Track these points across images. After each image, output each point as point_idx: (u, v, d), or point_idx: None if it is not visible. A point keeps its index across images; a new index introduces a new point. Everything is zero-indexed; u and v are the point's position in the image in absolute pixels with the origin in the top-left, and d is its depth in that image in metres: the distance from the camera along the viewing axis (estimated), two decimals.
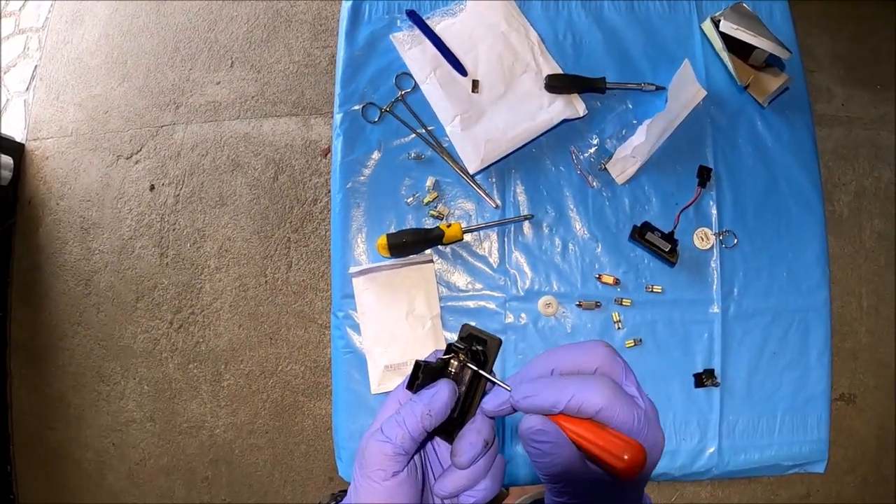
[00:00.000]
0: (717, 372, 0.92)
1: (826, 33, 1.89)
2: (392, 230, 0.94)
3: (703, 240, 0.94)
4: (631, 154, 0.93)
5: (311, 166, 1.83)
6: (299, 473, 1.74)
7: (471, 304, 0.93)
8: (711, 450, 0.91)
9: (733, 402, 0.92)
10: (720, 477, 0.93)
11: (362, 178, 0.97)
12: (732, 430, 0.92)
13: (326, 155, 1.80)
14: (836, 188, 1.81)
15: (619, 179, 0.95)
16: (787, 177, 0.98)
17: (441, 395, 0.40)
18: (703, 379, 0.91)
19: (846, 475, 1.68)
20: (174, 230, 1.84)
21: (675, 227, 0.93)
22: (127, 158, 1.89)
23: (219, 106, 1.89)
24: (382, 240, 0.91)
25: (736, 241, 0.95)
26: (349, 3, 1.03)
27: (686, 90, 0.95)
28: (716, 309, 0.93)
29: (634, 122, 0.97)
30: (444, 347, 0.43)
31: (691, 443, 0.91)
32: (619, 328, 0.92)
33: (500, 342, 0.43)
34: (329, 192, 1.75)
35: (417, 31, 1.00)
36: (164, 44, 1.96)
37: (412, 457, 0.41)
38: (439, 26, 1.00)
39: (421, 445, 0.42)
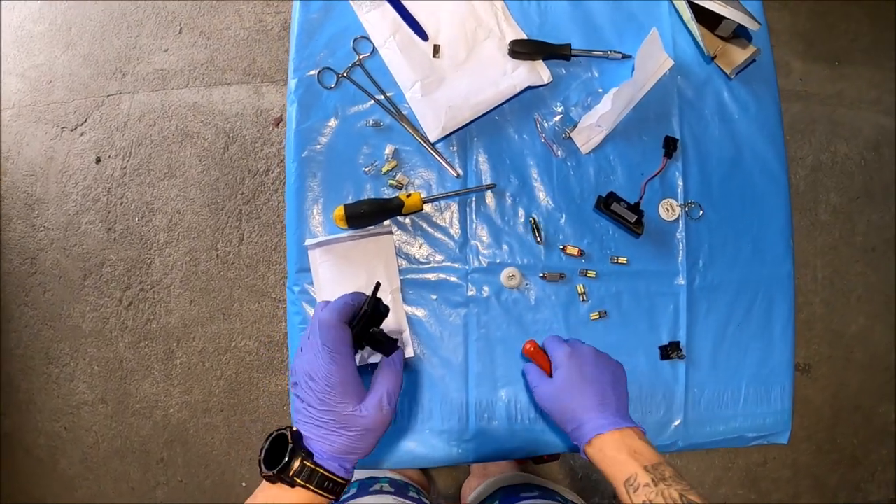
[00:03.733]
0: (683, 344, 0.91)
1: (786, 9, 1.90)
2: (350, 200, 0.90)
3: (668, 211, 0.92)
4: (596, 123, 0.91)
5: (262, 136, 1.77)
6: (256, 451, 1.69)
7: (431, 276, 0.90)
8: (677, 422, 0.90)
9: (698, 374, 0.91)
10: (685, 449, 0.92)
11: (318, 146, 0.93)
12: (698, 403, 0.91)
13: (279, 124, 1.75)
14: (793, 162, 1.83)
15: (584, 149, 0.93)
16: (753, 149, 0.96)
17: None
18: (669, 351, 0.90)
19: (802, 443, 1.72)
20: (122, 204, 1.78)
21: (640, 198, 0.91)
22: (72, 130, 1.82)
23: (167, 74, 1.83)
24: (340, 210, 0.86)
25: (702, 212, 0.93)
26: None
27: (653, 59, 0.93)
28: (681, 281, 0.91)
29: (600, 90, 0.94)
30: (404, 322, 0.83)
31: (657, 415, 0.90)
32: (583, 300, 0.90)
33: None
34: (282, 162, 1.71)
35: None
36: (109, 10, 1.88)
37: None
38: None
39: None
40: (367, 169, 0.91)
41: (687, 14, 0.96)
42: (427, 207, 0.91)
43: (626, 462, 0.63)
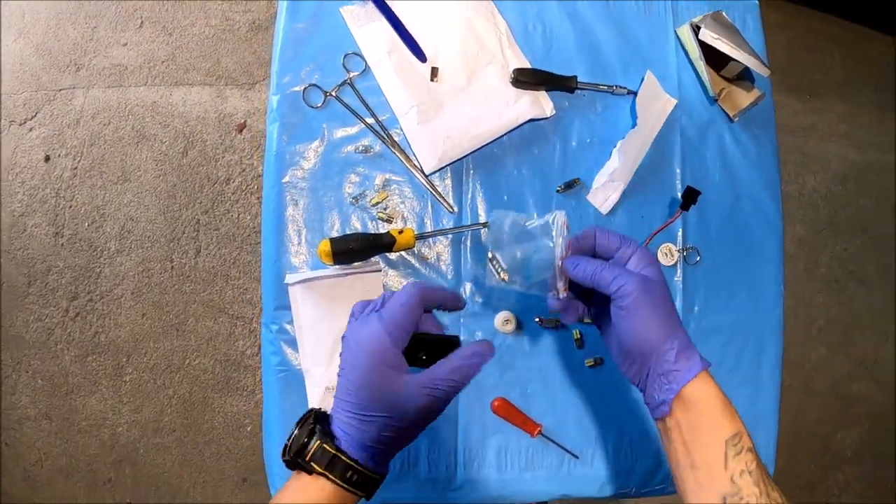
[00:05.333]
0: None
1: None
2: (334, 233, 0.83)
3: (667, 256, 0.89)
4: (610, 179, 0.87)
5: (224, 142, 1.66)
6: (210, 474, 1.62)
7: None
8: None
9: None
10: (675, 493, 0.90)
11: (301, 171, 0.85)
12: None
13: (242, 130, 1.65)
14: None
15: (604, 209, 0.89)
16: (751, 194, 0.95)
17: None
18: None
19: None
20: (71, 207, 1.65)
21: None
22: (20, 125, 1.67)
23: (124, 70, 1.70)
24: (325, 245, 0.79)
25: (699, 257, 0.91)
26: None
27: (654, 103, 0.90)
28: None
29: (601, 136, 0.91)
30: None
31: (647, 460, 0.88)
32: (579, 346, 0.86)
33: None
34: (244, 171, 1.61)
35: (372, 6, 0.88)
36: None
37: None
38: (398, 3, 0.89)
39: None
40: (354, 199, 0.85)
41: (695, 52, 0.93)
42: (418, 244, 0.85)
43: (732, 417, 0.54)
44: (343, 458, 0.50)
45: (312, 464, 0.50)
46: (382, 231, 0.83)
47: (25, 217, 1.65)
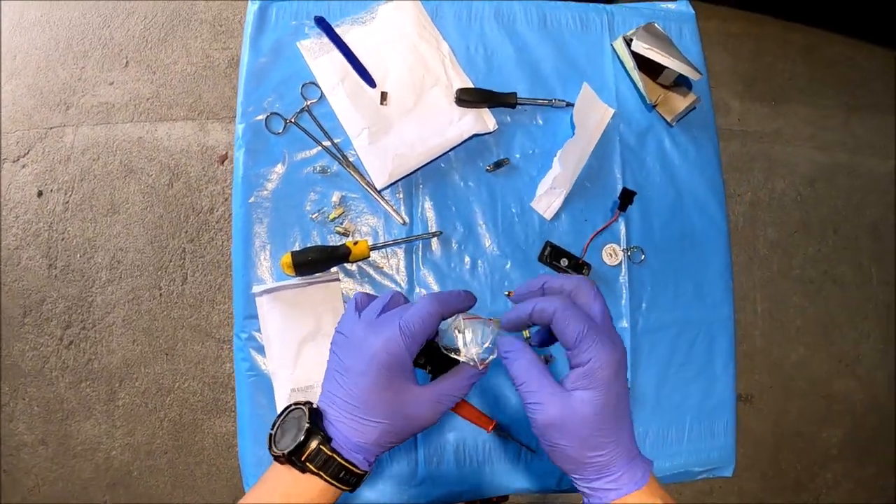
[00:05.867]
0: (628, 385, 0.92)
1: (726, 50, 2.00)
2: (297, 247, 0.90)
3: (611, 256, 0.94)
4: (552, 186, 0.93)
5: (207, 173, 1.75)
6: (202, 495, 1.66)
7: None
8: None
9: (643, 413, 0.93)
10: None
11: (265, 192, 0.92)
12: (643, 441, 0.93)
13: (224, 162, 1.73)
14: (732, 199, 1.91)
15: (547, 215, 0.94)
16: (693, 193, 1.00)
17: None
18: None
19: (746, 471, 1.77)
20: (63, 239, 1.72)
21: (584, 254, 0.93)
22: (13, 162, 1.76)
23: (112, 108, 1.79)
24: (287, 258, 0.86)
25: (643, 256, 0.96)
26: (255, 7, 0.97)
27: (592, 113, 0.96)
28: (625, 323, 0.94)
29: (543, 146, 0.97)
30: None
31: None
32: (529, 345, 0.91)
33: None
34: (227, 200, 1.68)
35: (326, 39, 0.96)
36: (55, 40, 1.84)
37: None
38: (349, 35, 0.97)
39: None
40: (314, 216, 0.91)
41: (630, 63, 1.00)
42: (374, 254, 0.91)
43: None
44: (339, 459, 0.49)
45: (308, 463, 0.49)
46: (339, 244, 0.89)
47: (20, 250, 1.73)
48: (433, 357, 0.57)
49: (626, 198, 0.92)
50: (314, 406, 0.53)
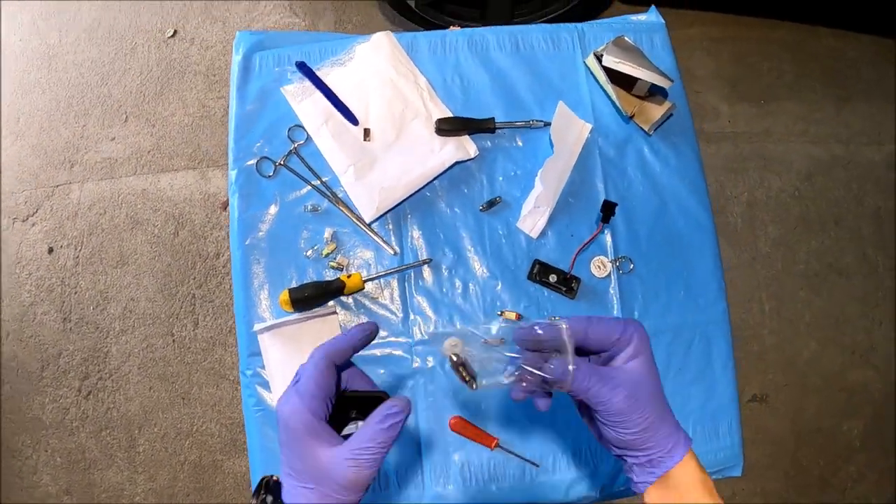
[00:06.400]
0: None
1: (709, 55, 2.02)
2: (293, 284, 0.93)
3: (599, 268, 0.96)
4: (536, 205, 0.95)
5: (211, 220, 1.81)
6: None
7: (377, 351, 0.92)
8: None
9: None
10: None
11: (261, 233, 0.95)
12: None
13: (226, 208, 1.78)
14: (729, 201, 1.91)
15: (534, 234, 0.97)
16: (676, 199, 1.02)
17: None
18: None
19: (768, 471, 1.74)
20: (76, 293, 1.78)
21: (571, 268, 0.95)
22: (23, 221, 1.84)
23: (115, 162, 1.86)
24: (284, 295, 0.89)
25: (632, 265, 0.97)
26: (239, 58, 1.02)
27: (569, 130, 0.99)
28: None
29: (525, 167, 1.00)
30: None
31: (607, 466, 0.92)
32: None
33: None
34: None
35: (308, 83, 1.00)
36: (56, 99, 1.93)
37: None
38: (329, 76, 1.01)
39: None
40: (308, 253, 0.94)
41: (602, 78, 1.02)
42: (369, 285, 0.94)
43: (710, 495, 0.54)
44: None
45: None
46: (334, 279, 0.92)
47: (34, 306, 1.78)
48: (362, 405, 0.57)
49: (608, 210, 0.94)
50: (275, 479, 0.55)
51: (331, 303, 0.93)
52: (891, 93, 2.05)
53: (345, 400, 0.57)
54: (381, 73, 1.00)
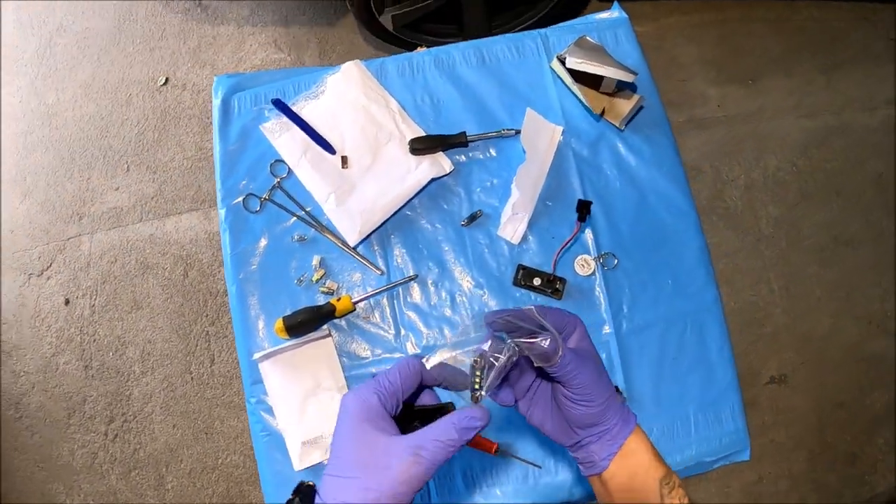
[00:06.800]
0: (622, 388, 0.94)
1: (691, 42, 2.02)
2: (287, 312, 0.96)
3: (583, 266, 0.98)
4: (514, 212, 0.98)
5: (218, 258, 1.87)
6: None
7: (373, 369, 0.95)
8: None
9: (644, 413, 0.94)
10: None
11: (253, 267, 0.99)
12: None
13: None
14: (727, 185, 1.90)
15: (515, 240, 0.99)
16: (655, 190, 1.03)
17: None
18: None
19: (792, 452, 1.72)
20: (95, 341, 1.85)
21: (553, 270, 0.97)
22: (38, 276, 1.91)
23: (121, 211, 1.94)
24: (279, 323, 0.93)
25: (616, 261, 0.99)
26: (219, 102, 1.07)
27: (540, 135, 1.00)
28: (607, 329, 0.96)
29: (501, 176, 1.02)
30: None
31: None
32: None
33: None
34: None
35: (284, 118, 1.04)
36: (59, 156, 2.01)
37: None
38: (304, 110, 1.05)
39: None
40: (298, 281, 0.98)
41: (568, 80, 1.04)
42: (359, 306, 0.96)
43: (661, 459, 0.58)
44: None
45: None
46: (325, 303, 0.95)
47: (56, 356, 1.85)
48: (429, 418, 0.54)
49: (583, 208, 0.96)
50: (309, 484, 0.53)
51: (325, 327, 0.96)
52: (880, 56, 2.03)
53: (413, 413, 0.56)
54: (353, 100, 1.04)
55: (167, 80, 2.06)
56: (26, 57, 2.10)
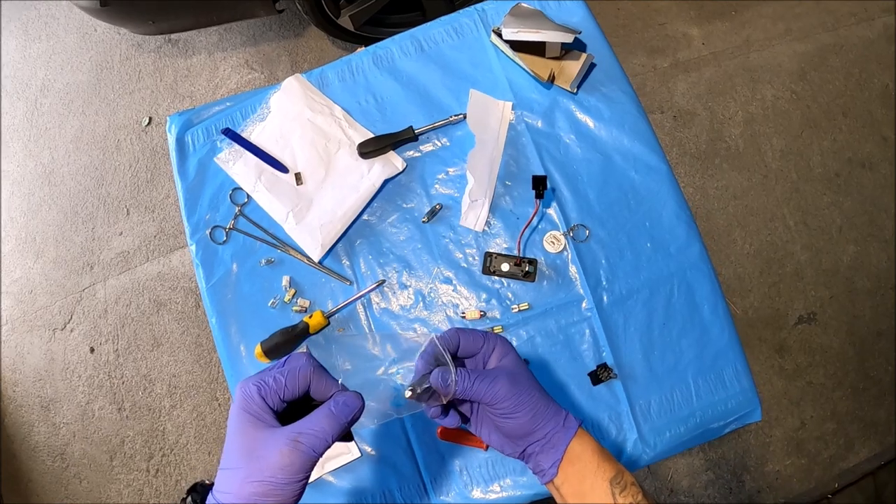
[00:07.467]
0: (612, 364, 0.91)
1: None
2: (266, 336, 0.96)
3: (553, 244, 0.94)
4: (471, 199, 0.95)
5: None
6: None
7: (357, 380, 0.94)
8: (633, 439, 0.89)
9: (638, 386, 0.91)
10: (653, 461, 0.91)
11: (229, 296, 0.99)
12: (648, 414, 0.90)
13: None
14: (724, 124, 1.81)
15: (478, 227, 0.96)
16: (620, 149, 0.98)
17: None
18: (599, 375, 0.90)
19: (834, 391, 1.63)
20: (123, 383, 1.91)
21: (519, 252, 0.94)
22: (62, 329, 1.98)
23: (128, 255, 1.99)
24: (257, 349, 0.93)
25: (588, 232, 0.95)
26: (173, 140, 1.07)
27: (489, 114, 0.97)
28: (587, 304, 0.93)
29: (455, 164, 0.99)
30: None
31: (609, 439, 0.90)
32: None
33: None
34: None
35: (236, 146, 1.04)
36: (63, 211, 2.08)
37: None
38: (253, 134, 1.04)
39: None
40: (271, 303, 0.97)
41: (509, 52, 1.00)
42: (334, 320, 0.96)
43: (609, 460, 0.58)
44: None
45: None
46: (298, 322, 0.94)
47: (91, 403, 1.92)
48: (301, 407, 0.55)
49: (539, 184, 0.92)
50: (206, 483, 0.55)
51: (303, 345, 0.95)
52: None
53: (310, 406, 0.55)
54: (298, 115, 1.03)
55: (150, 119, 2.10)
56: (17, 122, 2.18)
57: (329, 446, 0.51)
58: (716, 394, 0.91)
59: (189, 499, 0.53)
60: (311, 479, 0.92)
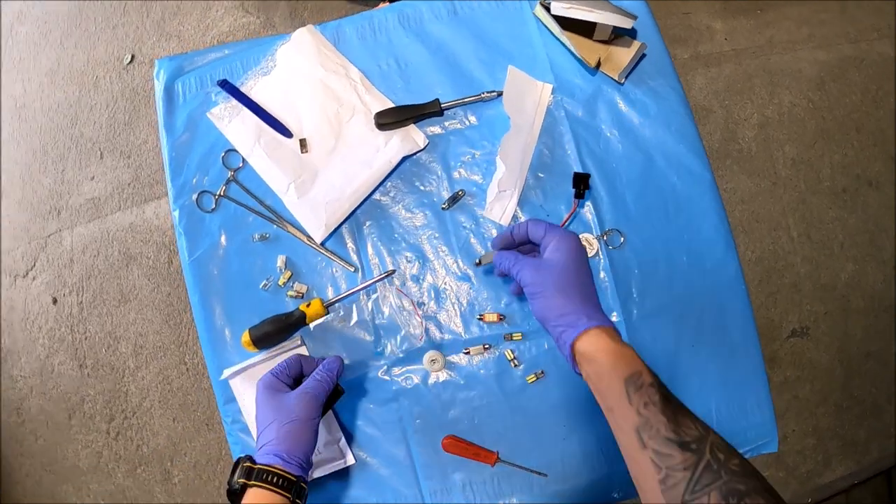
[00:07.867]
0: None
1: None
2: (255, 322, 0.85)
3: (586, 248, 0.85)
4: (500, 189, 0.85)
5: None
6: None
7: (354, 377, 0.85)
8: None
9: None
10: None
11: (214, 272, 0.88)
12: None
13: None
14: (739, 125, 1.74)
15: (504, 221, 0.86)
16: (663, 151, 0.89)
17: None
18: None
19: (818, 407, 1.63)
20: (86, 338, 1.79)
21: None
22: (23, 277, 1.84)
23: (98, 202, 1.84)
24: (245, 336, 0.82)
25: (623, 238, 0.86)
26: (161, 88, 0.93)
27: (526, 96, 0.87)
28: (616, 317, 0.85)
29: (483, 147, 0.89)
30: (337, 431, 0.83)
31: (622, 463, 0.82)
32: (515, 366, 0.83)
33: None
34: None
35: (234, 101, 0.91)
36: (31, 149, 1.91)
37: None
38: (255, 89, 0.91)
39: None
40: (264, 285, 0.86)
41: (556, 29, 0.89)
42: (332, 310, 0.86)
43: (627, 359, 0.58)
44: (258, 466, 0.65)
45: (238, 481, 0.65)
46: (294, 309, 0.84)
47: (51, 358, 1.80)
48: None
49: (580, 182, 0.83)
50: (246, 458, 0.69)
51: (297, 335, 0.85)
52: None
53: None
54: (309, 73, 0.90)
55: (133, 57, 1.92)
56: None
57: (327, 392, 0.73)
58: (736, 422, 0.86)
59: (240, 467, 0.66)
60: (310, 480, 0.83)
